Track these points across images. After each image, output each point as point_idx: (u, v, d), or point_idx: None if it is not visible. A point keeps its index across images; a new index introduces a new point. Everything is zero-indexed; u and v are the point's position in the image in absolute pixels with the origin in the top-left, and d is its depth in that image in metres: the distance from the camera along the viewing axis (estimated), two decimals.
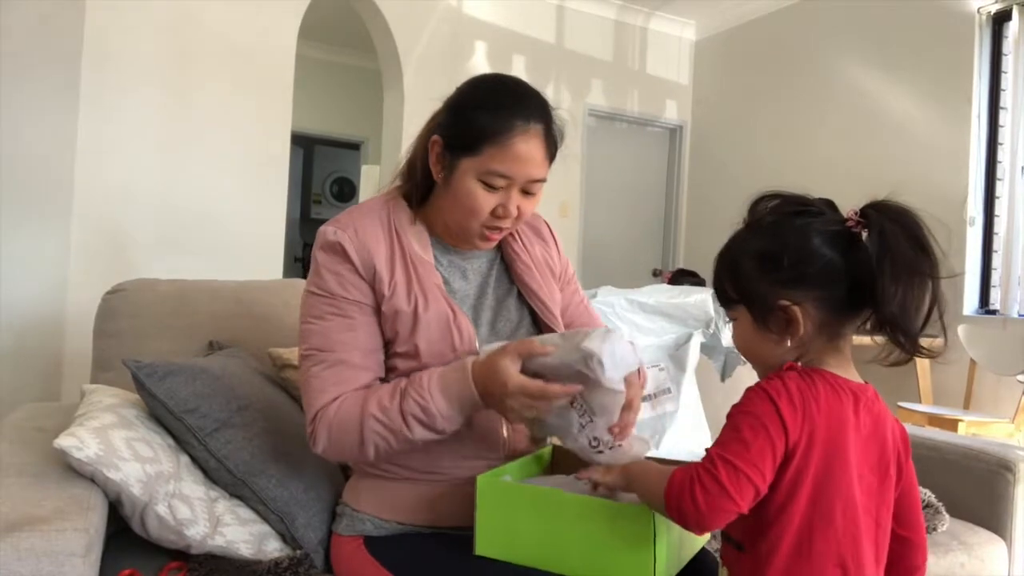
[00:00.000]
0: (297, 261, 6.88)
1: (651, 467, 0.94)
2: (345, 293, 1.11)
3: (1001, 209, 3.86)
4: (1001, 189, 3.87)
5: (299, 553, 1.19)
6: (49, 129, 3.05)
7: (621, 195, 5.64)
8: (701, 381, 2.00)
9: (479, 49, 4.89)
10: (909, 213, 0.85)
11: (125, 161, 3.24)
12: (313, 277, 1.14)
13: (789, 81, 4.96)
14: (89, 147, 3.12)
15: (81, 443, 1.09)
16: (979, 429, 3.13)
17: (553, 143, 1.13)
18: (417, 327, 1.10)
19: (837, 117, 4.63)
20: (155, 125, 3.34)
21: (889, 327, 0.85)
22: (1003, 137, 3.88)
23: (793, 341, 0.89)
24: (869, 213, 0.86)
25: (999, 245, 3.85)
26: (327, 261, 1.13)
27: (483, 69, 4.73)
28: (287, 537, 1.21)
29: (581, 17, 5.28)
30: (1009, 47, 3.88)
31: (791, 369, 0.88)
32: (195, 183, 3.45)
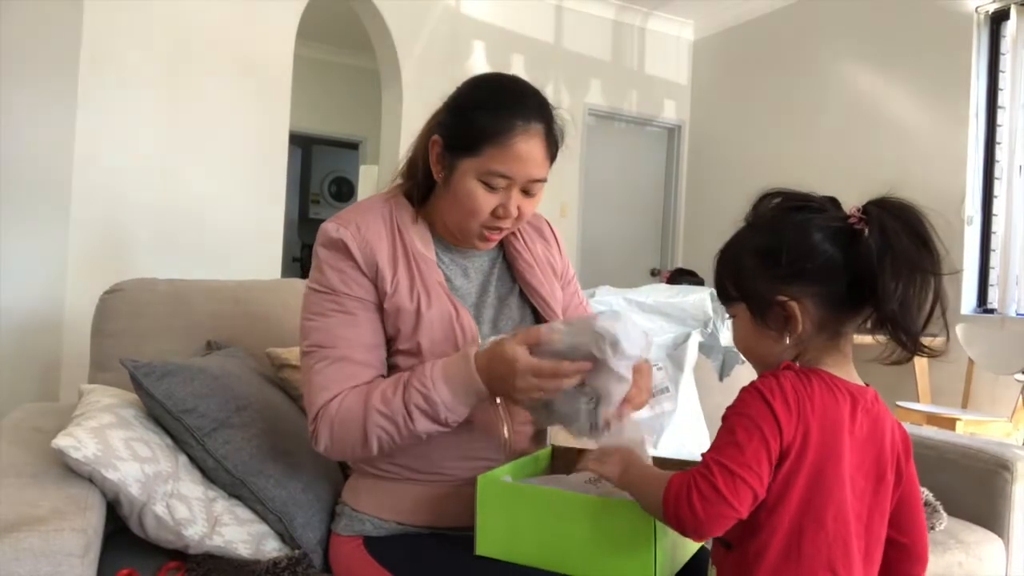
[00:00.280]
0: (295, 261, 6.87)
1: (649, 473, 0.92)
2: (347, 289, 1.11)
3: (999, 208, 3.86)
4: (999, 188, 3.88)
5: (297, 553, 1.18)
6: (47, 129, 3.03)
7: (619, 195, 5.65)
8: (699, 380, 2.00)
9: (477, 49, 4.89)
10: (911, 209, 0.84)
11: (123, 161, 3.23)
12: (315, 274, 1.14)
13: (787, 81, 4.96)
14: (87, 147, 3.11)
15: (79, 443, 1.09)
16: (977, 428, 3.13)
17: (554, 143, 1.13)
18: (420, 325, 1.10)
19: (835, 116, 4.63)
20: (153, 125, 3.33)
21: (890, 325, 0.84)
22: (1001, 136, 3.89)
23: (792, 338, 0.88)
24: (871, 209, 0.85)
25: (997, 244, 3.86)
26: (329, 257, 1.12)
27: (482, 69, 4.73)
28: (285, 537, 1.21)
29: (579, 17, 5.28)
30: (1007, 46, 3.88)
31: (788, 368, 0.87)
32: (193, 183, 3.44)
